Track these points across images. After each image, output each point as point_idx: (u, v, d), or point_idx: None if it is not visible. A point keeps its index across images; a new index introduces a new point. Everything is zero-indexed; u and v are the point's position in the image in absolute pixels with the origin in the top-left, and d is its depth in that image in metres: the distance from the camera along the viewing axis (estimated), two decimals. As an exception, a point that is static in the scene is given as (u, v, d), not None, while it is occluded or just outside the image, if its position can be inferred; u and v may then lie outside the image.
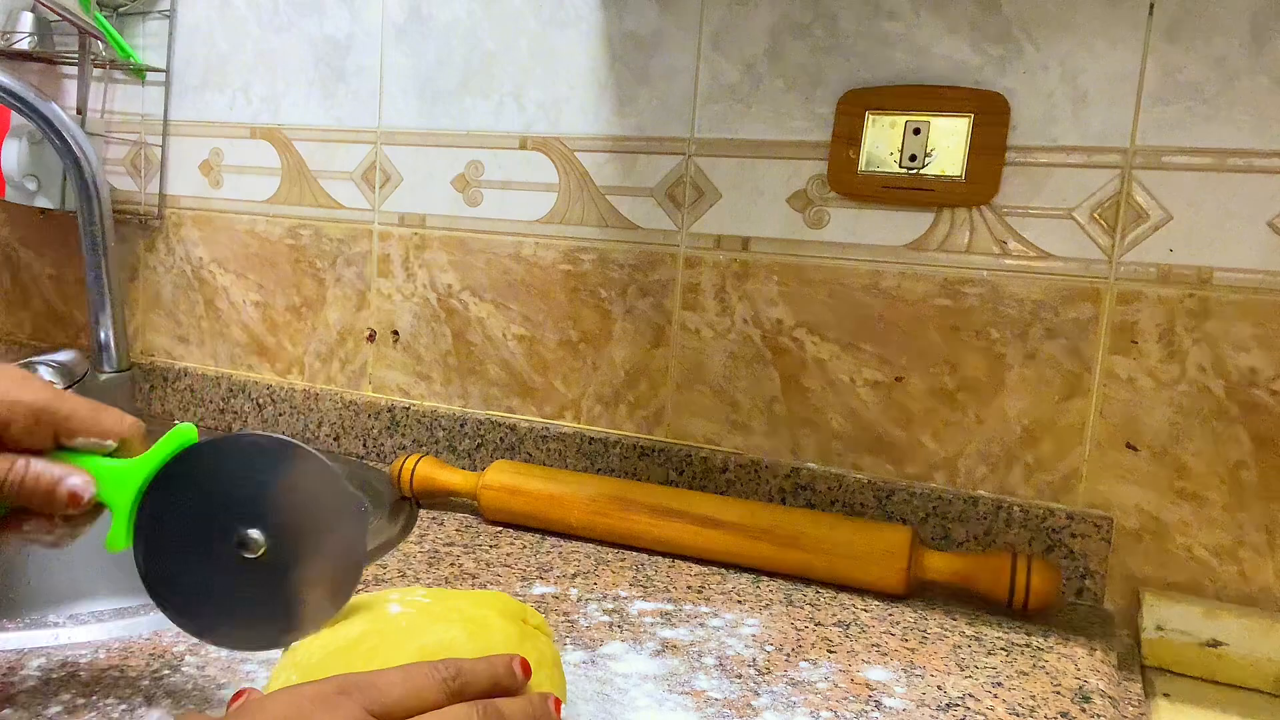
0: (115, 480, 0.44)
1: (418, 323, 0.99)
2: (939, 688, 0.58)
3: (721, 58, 0.85)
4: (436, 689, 0.39)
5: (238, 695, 0.40)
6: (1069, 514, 0.76)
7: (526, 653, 0.44)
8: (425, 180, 0.98)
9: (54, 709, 0.48)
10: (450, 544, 0.77)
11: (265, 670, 0.54)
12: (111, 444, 0.45)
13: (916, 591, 0.74)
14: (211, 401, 1.10)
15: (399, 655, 0.42)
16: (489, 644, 0.44)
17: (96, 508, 0.45)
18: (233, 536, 0.45)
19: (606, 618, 0.65)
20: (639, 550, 0.78)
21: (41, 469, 0.42)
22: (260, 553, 0.44)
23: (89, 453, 0.44)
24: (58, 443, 0.44)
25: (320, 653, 0.43)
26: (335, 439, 1.03)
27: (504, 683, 0.42)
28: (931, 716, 0.55)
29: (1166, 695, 0.68)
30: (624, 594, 0.69)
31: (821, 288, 0.83)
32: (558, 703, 0.42)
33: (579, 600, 0.67)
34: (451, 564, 0.73)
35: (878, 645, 0.64)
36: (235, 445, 0.45)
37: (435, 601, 0.47)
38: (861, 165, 0.80)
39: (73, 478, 0.42)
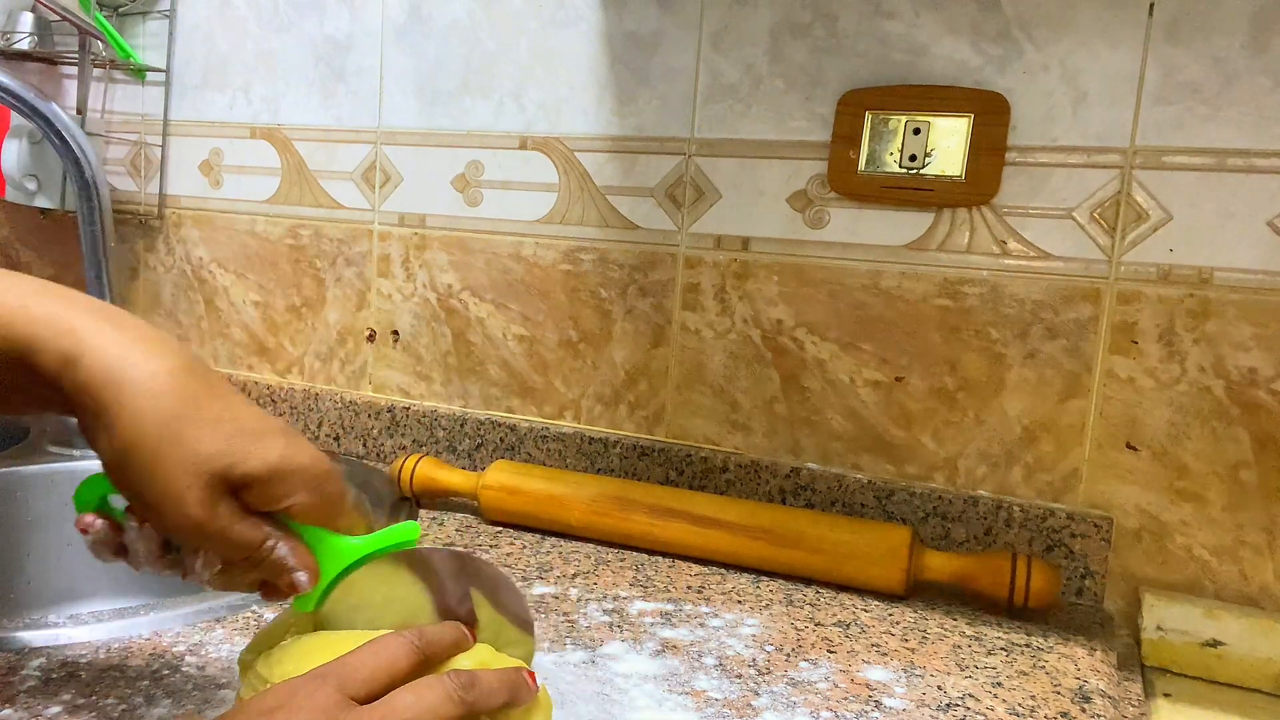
0: (329, 553, 0.45)
1: (418, 323, 0.99)
2: (939, 688, 0.58)
3: (721, 58, 0.85)
4: (405, 654, 0.41)
5: None
6: (1069, 514, 0.76)
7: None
8: (425, 180, 0.98)
9: (54, 709, 0.48)
10: (450, 544, 0.77)
11: (265, 670, 0.54)
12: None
13: (916, 591, 0.74)
14: (211, 401, 1.10)
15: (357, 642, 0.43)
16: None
17: None
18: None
19: (606, 618, 0.65)
20: (639, 550, 0.78)
21: (284, 554, 0.43)
22: None
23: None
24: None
25: (277, 664, 0.43)
26: (335, 439, 1.03)
27: (463, 644, 0.44)
28: (931, 716, 0.55)
29: (1166, 695, 0.68)
30: (624, 594, 0.69)
31: (821, 288, 0.83)
32: (533, 675, 0.44)
33: (579, 600, 0.67)
34: (451, 564, 0.73)
35: (878, 645, 0.64)
36: (437, 556, 0.48)
37: None
38: (861, 165, 0.80)
39: (301, 574, 0.44)
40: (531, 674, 0.44)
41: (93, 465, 0.94)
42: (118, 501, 0.44)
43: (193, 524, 0.40)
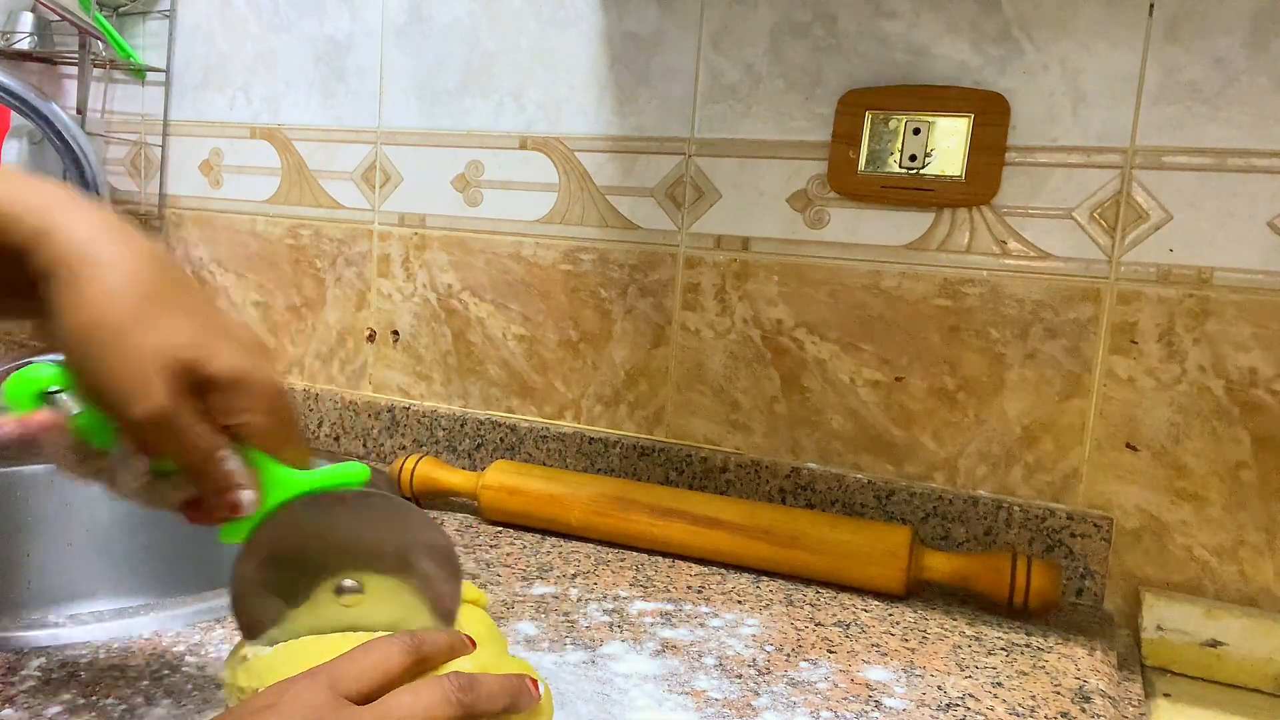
0: (271, 483, 0.43)
1: (418, 323, 0.99)
2: (939, 688, 0.58)
3: (721, 58, 0.85)
4: (398, 655, 0.41)
5: None
6: (1069, 514, 0.76)
7: (470, 626, 0.46)
8: (425, 180, 0.98)
9: (54, 709, 0.48)
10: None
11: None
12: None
13: (916, 591, 0.74)
14: (211, 401, 1.10)
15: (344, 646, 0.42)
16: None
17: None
18: (328, 578, 0.45)
19: (606, 618, 0.65)
20: (639, 550, 0.78)
21: (232, 469, 0.41)
22: (354, 601, 0.45)
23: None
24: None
25: (260, 674, 0.43)
26: (335, 439, 1.03)
27: (459, 650, 0.43)
28: (931, 716, 0.55)
29: (1166, 695, 0.68)
30: (624, 594, 0.69)
31: (821, 288, 0.83)
32: (535, 682, 0.44)
33: (579, 600, 0.67)
34: (451, 564, 0.73)
35: (878, 645, 0.64)
36: (377, 499, 0.45)
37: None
38: (861, 165, 0.80)
39: (245, 492, 0.41)
40: (534, 681, 0.44)
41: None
42: (58, 399, 0.42)
43: (154, 412, 0.38)
